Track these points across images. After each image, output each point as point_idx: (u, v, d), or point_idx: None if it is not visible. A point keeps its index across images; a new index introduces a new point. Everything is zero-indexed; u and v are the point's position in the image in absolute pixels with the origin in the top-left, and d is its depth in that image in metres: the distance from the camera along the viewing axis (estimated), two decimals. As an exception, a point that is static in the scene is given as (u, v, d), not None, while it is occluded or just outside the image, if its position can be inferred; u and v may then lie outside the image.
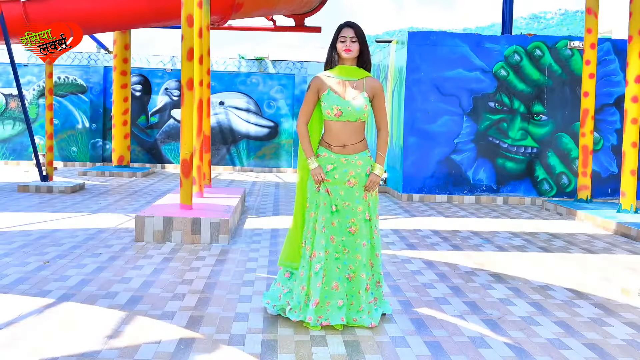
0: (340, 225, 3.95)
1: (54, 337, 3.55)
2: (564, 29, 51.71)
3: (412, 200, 10.35)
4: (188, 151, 6.81)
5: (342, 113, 3.91)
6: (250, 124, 15.68)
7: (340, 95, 3.93)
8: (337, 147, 3.97)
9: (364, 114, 3.93)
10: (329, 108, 3.94)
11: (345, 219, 3.95)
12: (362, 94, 3.95)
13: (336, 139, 3.97)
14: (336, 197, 3.95)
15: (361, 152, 3.99)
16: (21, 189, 10.00)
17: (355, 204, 3.96)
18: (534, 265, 5.82)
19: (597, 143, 10.61)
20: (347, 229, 3.95)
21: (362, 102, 3.92)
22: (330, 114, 3.95)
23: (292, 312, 3.87)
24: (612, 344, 3.75)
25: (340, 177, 3.95)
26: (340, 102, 3.91)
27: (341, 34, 3.93)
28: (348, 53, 3.91)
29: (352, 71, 3.98)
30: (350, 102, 3.91)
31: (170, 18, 11.21)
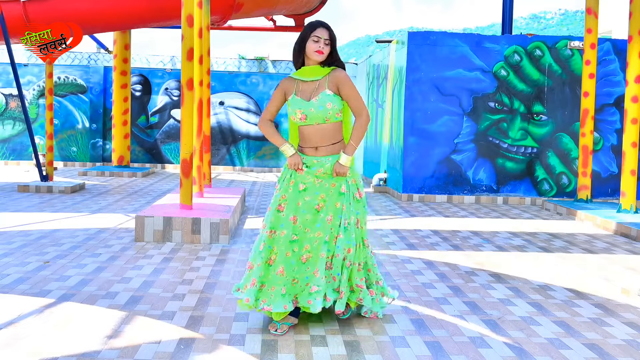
0: (307, 203, 3.79)
1: (54, 337, 3.55)
2: (564, 29, 51.73)
3: (412, 200, 10.36)
4: (188, 151, 6.81)
5: (307, 116, 3.75)
6: (250, 124, 15.69)
7: (302, 98, 3.76)
8: (309, 149, 3.82)
9: (328, 112, 3.73)
10: (293, 113, 3.80)
11: (315, 195, 3.79)
12: (324, 92, 3.72)
13: (308, 141, 3.82)
14: (308, 174, 3.81)
15: (335, 155, 3.80)
16: (21, 189, 10.00)
17: (329, 180, 3.80)
18: (534, 265, 5.82)
19: (597, 143, 10.61)
20: (314, 206, 3.78)
21: (324, 101, 3.71)
22: (296, 119, 3.80)
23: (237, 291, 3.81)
24: (612, 344, 3.75)
25: (309, 171, 3.82)
26: (302, 105, 3.75)
27: (315, 33, 3.70)
28: (319, 55, 3.71)
29: (315, 70, 3.77)
30: (312, 103, 3.72)
31: (170, 18, 11.21)
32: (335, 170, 3.76)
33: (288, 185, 3.82)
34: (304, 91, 3.78)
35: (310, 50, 3.72)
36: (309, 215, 3.78)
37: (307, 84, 3.79)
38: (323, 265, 3.71)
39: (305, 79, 3.78)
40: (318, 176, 3.81)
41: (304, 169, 3.80)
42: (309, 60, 3.78)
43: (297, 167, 3.79)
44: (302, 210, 3.79)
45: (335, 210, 3.78)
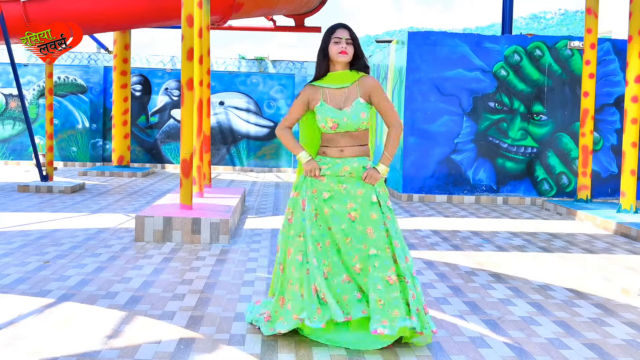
0: (336, 212, 3.59)
1: (54, 337, 3.55)
2: (564, 29, 51.73)
3: (412, 200, 10.36)
4: (188, 151, 6.81)
5: (339, 125, 3.60)
6: (250, 124, 15.69)
7: (334, 107, 3.61)
8: (334, 150, 3.66)
9: (362, 122, 3.60)
10: (324, 121, 3.62)
11: (343, 202, 3.60)
12: (357, 100, 3.60)
13: (333, 146, 3.67)
14: (329, 180, 3.64)
15: (360, 157, 3.66)
16: (21, 189, 10.00)
17: (355, 187, 3.61)
18: (534, 265, 5.82)
19: (597, 143, 10.61)
20: (345, 215, 3.59)
21: (358, 111, 3.58)
22: (326, 127, 3.63)
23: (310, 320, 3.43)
24: (612, 344, 3.75)
25: (333, 172, 3.64)
26: (335, 113, 3.59)
27: (335, 35, 3.59)
28: (344, 56, 3.57)
29: (344, 76, 3.64)
30: (346, 112, 3.58)
31: (170, 18, 11.21)
32: (368, 173, 3.60)
33: (312, 195, 3.66)
34: (334, 99, 3.63)
35: (333, 53, 3.59)
36: (344, 225, 3.58)
37: (335, 91, 3.64)
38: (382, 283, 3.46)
39: (332, 86, 3.64)
40: (341, 181, 3.63)
41: (325, 174, 3.64)
42: (334, 65, 3.65)
43: (313, 173, 3.64)
44: (335, 219, 3.60)
45: (373, 222, 3.56)
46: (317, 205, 3.65)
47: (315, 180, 3.67)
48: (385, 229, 3.56)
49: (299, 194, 3.71)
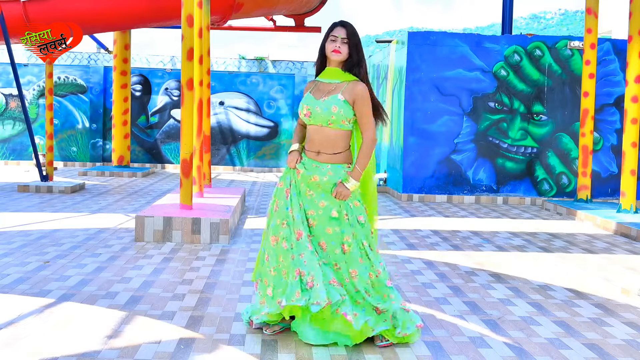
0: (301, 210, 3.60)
1: (54, 337, 3.55)
2: (564, 29, 51.73)
3: (412, 200, 10.36)
4: (188, 151, 6.81)
5: (311, 113, 3.60)
6: (250, 124, 15.69)
7: (313, 96, 3.64)
8: (311, 152, 3.65)
9: (332, 116, 3.54)
10: (300, 108, 3.68)
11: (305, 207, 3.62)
12: (335, 95, 3.57)
13: (311, 144, 3.66)
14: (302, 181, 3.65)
15: (336, 164, 3.60)
16: (21, 189, 10.00)
17: (320, 197, 3.59)
18: (534, 265, 5.82)
19: (597, 143, 10.61)
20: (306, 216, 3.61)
21: (330, 104, 3.55)
22: (301, 114, 3.67)
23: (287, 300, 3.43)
24: (612, 344, 3.75)
25: (304, 176, 3.63)
26: (311, 101, 3.62)
27: (332, 33, 3.59)
28: (336, 55, 3.57)
29: (336, 73, 3.64)
30: (320, 102, 3.58)
31: (170, 18, 11.21)
32: (337, 190, 3.55)
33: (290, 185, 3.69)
34: (319, 91, 3.67)
35: (327, 50, 3.60)
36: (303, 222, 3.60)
37: (324, 85, 3.67)
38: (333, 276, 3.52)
39: (324, 80, 3.67)
40: (310, 186, 3.61)
41: (301, 171, 3.64)
42: (330, 62, 3.66)
43: (290, 164, 3.67)
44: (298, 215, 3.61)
45: (327, 236, 3.57)
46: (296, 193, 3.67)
47: (294, 173, 3.69)
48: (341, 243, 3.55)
49: (283, 184, 3.73)
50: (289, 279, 3.51)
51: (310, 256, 3.49)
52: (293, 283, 3.47)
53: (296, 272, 3.48)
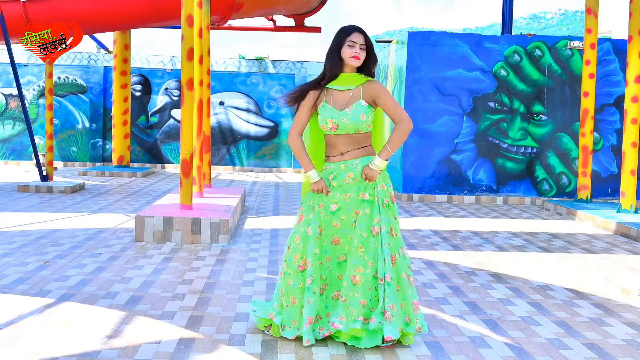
0: (345, 223, 3.60)
1: (54, 337, 3.55)
2: (564, 29, 51.71)
3: (412, 200, 10.36)
4: (188, 151, 6.81)
5: (338, 126, 3.57)
6: (250, 124, 15.69)
7: (334, 107, 3.59)
8: (335, 156, 3.64)
9: (361, 124, 3.56)
10: (323, 122, 3.60)
11: (349, 212, 3.60)
12: (358, 102, 3.56)
13: (334, 149, 3.65)
14: (335, 192, 3.61)
15: (362, 157, 3.62)
16: (21, 189, 10.00)
17: (358, 191, 3.60)
18: (534, 265, 5.82)
19: (597, 143, 10.62)
20: (352, 223, 3.60)
21: (358, 112, 3.54)
22: (326, 128, 3.61)
23: (286, 330, 3.56)
24: (612, 344, 3.75)
25: (339, 183, 3.62)
26: (334, 114, 3.57)
27: (350, 38, 3.55)
28: (356, 61, 3.54)
29: (351, 78, 3.60)
30: (346, 113, 3.55)
31: (170, 18, 11.21)
32: (364, 172, 3.56)
33: (318, 210, 3.63)
34: (336, 100, 3.60)
35: (346, 55, 3.54)
36: (351, 235, 3.59)
37: (339, 93, 3.61)
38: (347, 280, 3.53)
39: (338, 87, 3.61)
40: (345, 190, 3.60)
41: (332, 185, 3.62)
42: (345, 68, 3.60)
43: (323, 191, 3.62)
44: (344, 230, 3.60)
45: (358, 219, 3.58)
46: (322, 220, 3.63)
47: (322, 194, 3.65)
48: (370, 227, 3.55)
49: (303, 208, 3.71)
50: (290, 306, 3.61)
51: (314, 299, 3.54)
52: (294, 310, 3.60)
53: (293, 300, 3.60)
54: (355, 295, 3.50)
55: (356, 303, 3.49)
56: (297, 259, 3.59)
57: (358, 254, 3.54)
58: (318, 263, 3.58)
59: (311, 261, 3.55)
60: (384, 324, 3.45)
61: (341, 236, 3.62)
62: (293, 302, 3.59)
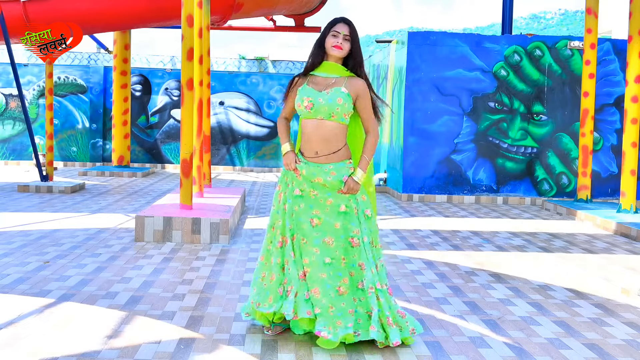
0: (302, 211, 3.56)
1: (54, 337, 3.55)
2: (564, 29, 51.71)
3: (412, 200, 10.36)
4: (188, 151, 6.81)
5: (313, 105, 3.51)
6: (250, 124, 15.69)
7: (313, 88, 3.56)
8: (309, 155, 3.59)
9: (336, 108, 3.48)
10: (300, 100, 3.56)
11: (309, 207, 3.56)
12: (339, 88, 3.52)
13: (308, 144, 3.58)
14: (304, 181, 3.58)
15: (337, 162, 3.55)
16: (21, 189, 10.00)
17: (326, 196, 3.55)
18: (534, 265, 5.82)
19: (597, 143, 10.62)
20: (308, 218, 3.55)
21: (335, 96, 3.49)
22: (301, 107, 3.55)
23: (261, 306, 3.56)
24: (612, 344, 3.75)
25: (307, 175, 3.58)
26: (312, 93, 3.53)
27: (334, 28, 3.54)
28: (337, 50, 3.52)
29: (335, 68, 3.59)
30: (323, 94, 3.50)
31: (170, 18, 11.21)
32: (347, 185, 3.52)
33: (287, 188, 3.66)
34: (318, 83, 3.59)
35: (328, 45, 3.54)
36: (305, 225, 3.55)
37: (322, 79, 3.59)
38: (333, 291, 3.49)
39: (321, 74, 3.60)
40: (313, 186, 3.57)
41: (302, 172, 3.60)
42: (328, 57, 3.60)
43: (289, 167, 3.61)
44: (300, 218, 3.57)
45: (335, 232, 3.52)
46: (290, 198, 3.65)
47: (293, 175, 3.65)
48: (349, 237, 3.54)
49: (280, 187, 3.73)
50: (267, 283, 3.63)
51: (292, 265, 3.55)
52: (271, 286, 3.61)
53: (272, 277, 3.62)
54: (342, 305, 3.48)
55: (344, 313, 3.47)
56: (278, 234, 3.64)
57: (342, 266, 3.53)
58: (292, 238, 3.58)
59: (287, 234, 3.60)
60: (390, 330, 3.45)
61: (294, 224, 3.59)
62: (271, 279, 3.62)
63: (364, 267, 3.52)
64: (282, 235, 3.62)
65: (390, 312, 3.52)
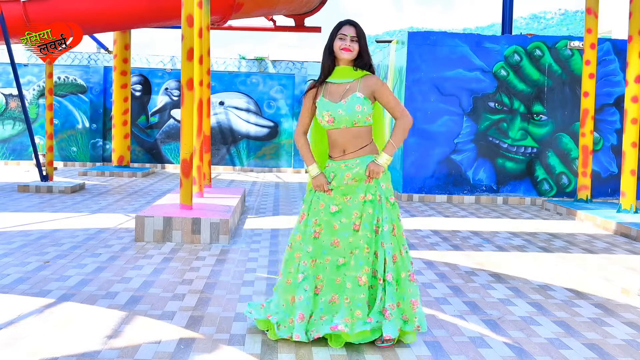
0: (345, 225, 3.57)
1: (54, 337, 3.55)
2: (564, 29, 51.70)
3: (412, 200, 10.36)
4: (188, 151, 6.81)
5: (334, 119, 3.57)
6: (250, 124, 15.69)
7: (330, 100, 3.59)
8: (337, 155, 3.64)
9: (357, 115, 3.54)
10: (320, 116, 3.62)
11: (350, 214, 3.57)
12: (354, 94, 3.55)
13: (336, 148, 3.64)
14: (336, 193, 3.61)
15: (363, 157, 3.60)
16: (21, 189, 10.00)
17: (358, 193, 3.58)
18: (534, 265, 5.82)
19: (597, 143, 10.61)
20: (351, 227, 3.56)
21: (353, 104, 3.53)
22: (323, 122, 3.62)
23: (281, 329, 3.55)
24: (612, 344, 3.75)
25: (338, 182, 3.61)
26: (330, 107, 3.57)
27: (341, 31, 3.57)
28: (347, 53, 3.55)
29: (348, 72, 3.61)
30: (341, 104, 3.55)
31: (170, 18, 11.21)
32: (369, 168, 3.55)
33: (318, 210, 3.64)
34: (332, 93, 3.61)
35: (336, 48, 3.56)
36: (351, 238, 3.55)
37: (336, 86, 3.61)
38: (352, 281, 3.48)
39: (335, 81, 3.62)
40: (345, 192, 3.60)
41: (332, 189, 3.61)
42: (339, 61, 3.62)
43: (321, 189, 3.62)
44: (343, 234, 3.57)
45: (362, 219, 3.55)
46: (321, 220, 3.63)
47: (323, 194, 3.65)
48: (372, 226, 3.54)
49: (305, 207, 3.71)
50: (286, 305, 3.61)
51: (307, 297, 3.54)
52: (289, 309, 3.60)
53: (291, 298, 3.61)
54: (361, 296, 3.47)
55: (362, 304, 3.46)
56: (298, 257, 3.60)
57: (364, 255, 3.52)
58: (311, 261, 3.58)
59: (303, 257, 3.58)
60: (383, 323, 3.46)
61: (341, 239, 3.59)
62: (292, 300, 3.60)
63: (377, 256, 3.53)
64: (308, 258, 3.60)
65: (392, 303, 3.49)
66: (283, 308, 3.61)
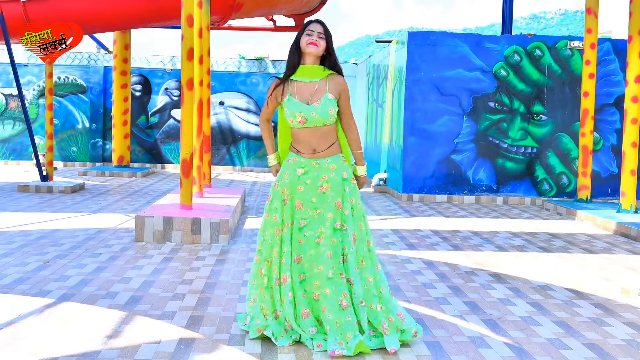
0: (308, 240, 3.56)
1: (54, 337, 3.55)
2: (564, 29, 51.70)
3: (412, 200, 10.36)
4: (188, 151, 6.81)
5: (307, 120, 3.57)
6: (250, 124, 15.69)
7: (301, 101, 3.58)
8: (306, 152, 3.64)
9: (330, 117, 3.58)
10: (291, 116, 3.60)
11: (315, 228, 3.56)
12: (325, 95, 3.57)
13: (305, 145, 3.64)
14: (307, 207, 3.60)
15: (333, 156, 3.64)
16: (21, 189, 10.00)
17: (327, 211, 3.56)
18: (534, 265, 5.82)
19: (597, 143, 10.62)
20: (315, 240, 3.55)
21: (327, 106, 3.56)
22: (294, 122, 3.60)
23: (279, 340, 3.51)
24: (612, 344, 3.75)
25: (312, 183, 3.60)
26: (303, 108, 3.56)
27: (308, 28, 3.60)
28: (313, 47, 3.54)
29: (314, 70, 3.61)
30: (314, 107, 3.56)
31: (170, 18, 11.21)
32: (360, 182, 3.73)
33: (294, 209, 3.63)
34: (302, 93, 3.60)
35: (303, 43, 3.57)
36: (312, 251, 3.54)
37: (303, 85, 3.62)
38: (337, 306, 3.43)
39: (302, 79, 3.62)
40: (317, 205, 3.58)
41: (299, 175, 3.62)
42: (305, 58, 3.62)
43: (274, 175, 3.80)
44: (305, 247, 3.57)
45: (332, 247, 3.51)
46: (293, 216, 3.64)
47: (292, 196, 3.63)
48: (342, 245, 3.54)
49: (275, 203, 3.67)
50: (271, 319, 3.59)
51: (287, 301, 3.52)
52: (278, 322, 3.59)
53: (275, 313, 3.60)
54: (347, 319, 3.42)
55: (351, 324, 3.42)
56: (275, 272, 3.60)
57: (339, 280, 3.48)
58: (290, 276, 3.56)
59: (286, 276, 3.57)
60: (384, 337, 3.47)
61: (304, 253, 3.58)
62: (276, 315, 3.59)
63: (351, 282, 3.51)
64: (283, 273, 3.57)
65: (385, 318, 3.52)
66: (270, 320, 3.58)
